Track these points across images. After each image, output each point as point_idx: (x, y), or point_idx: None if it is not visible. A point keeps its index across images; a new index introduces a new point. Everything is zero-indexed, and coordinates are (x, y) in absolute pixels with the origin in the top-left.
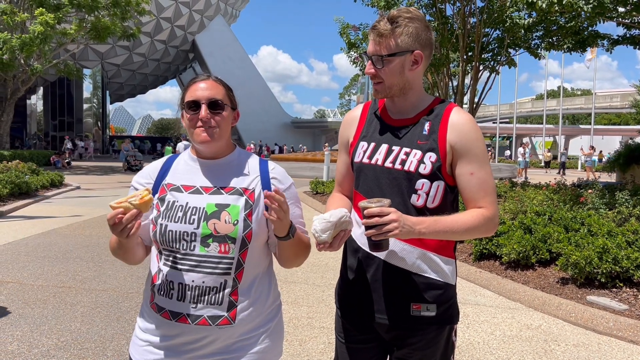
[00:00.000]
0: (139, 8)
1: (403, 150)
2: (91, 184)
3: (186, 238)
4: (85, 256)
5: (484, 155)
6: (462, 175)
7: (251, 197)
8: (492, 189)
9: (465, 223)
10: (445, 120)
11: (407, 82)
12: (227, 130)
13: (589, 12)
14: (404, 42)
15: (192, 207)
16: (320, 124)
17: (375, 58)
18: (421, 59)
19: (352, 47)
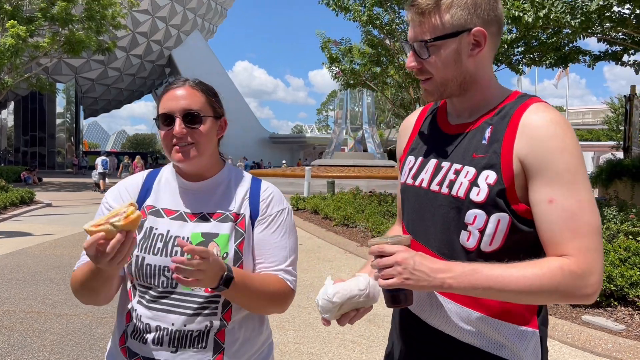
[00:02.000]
0: (115, 22)
1: (453, 167)
2: (63, 201)
3: (167, 274)
4: (56, 278)
5: (574, 173)
6: (537, 204)
7: (242, 224)
8: (588, 228)
9: (525, 278)
10: (515, 123)
11: (467, 74)
12: (208, 146)
13: (576, 27)
14: (457, 18)
15: (175, 237)
16: (298, 140)
17: (418, 45)
18: (484, 38)
19: (334, 62)
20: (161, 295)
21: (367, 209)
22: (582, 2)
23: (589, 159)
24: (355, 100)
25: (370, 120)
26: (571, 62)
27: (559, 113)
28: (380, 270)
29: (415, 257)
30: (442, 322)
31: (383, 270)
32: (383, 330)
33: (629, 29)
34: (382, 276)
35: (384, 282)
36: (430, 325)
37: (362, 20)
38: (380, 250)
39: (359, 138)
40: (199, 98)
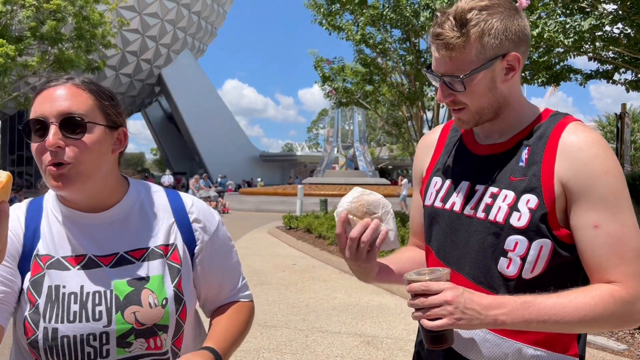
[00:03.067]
0: (105, 41)
1: (489, 190)
2: None
3: (93, 343)
4: None
5: (618, 197)
6: (580, 229)
7: (174, 257)
8: (634, 253)
9: (579, 309)
10: (553, 143)
11: (502, 99)
12: (96, 164)
13: (568, 46)
14: (489, 47)
15: (93, 293)
16: (289, 158)
17: (450, 80)
18: (518, 62)
19: (327, 80)
20: None
21: None
22: (575, 21)
23: None
24: (346, 119)
25: (362, 138)
26: (562, 81)
27: (598, 133)
28: (424, 310)
29: (465, 294)
30: (478, 354)
31: (430, 310)
32: (382, 352)
33: (621, 48)
34: (429, 316)
35: (432, 323)
36: (457, 352)
37: (356, 39)
38: (425, 288)
39: (350, 156)
40: (84, 99)
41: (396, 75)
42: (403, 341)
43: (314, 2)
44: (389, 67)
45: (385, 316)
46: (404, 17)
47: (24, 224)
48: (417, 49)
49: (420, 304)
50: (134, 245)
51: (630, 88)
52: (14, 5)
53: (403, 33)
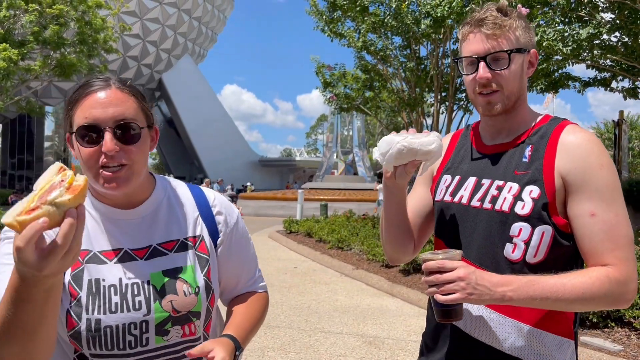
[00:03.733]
0: (107, 46)
1: (495, 183)
2: None
3: (134, 332)
4: None
5: (612, 189)
6: (578, 217)
7: (202, 247)
8: (625, 239)
9: (577, 287)
10: (553, 142)
11: (522, 91)
12: (144, 164)
13: (567, 54)
14: (523, 37)
15: (131, 285)
16: (287, 163)
17: (492, 57)
18: (536, 59)
19: (328, 86)
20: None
21: (361, 232)
22: (573, 30)
23: None
24: (345, 124)
25: (361, 143)
26: (561, 88)
27: (592, 133)
28: (439, 286)
29: (476, 272)
30: (483, 332)
31: (444, 286)
32: (384, 352)
33: (618, 56)
34: (442, 291)
35: (444, 297)
36: (470, 336)
37: (357, 46)
38: (440, 265)
39: (350, 161)
40: (131, 104)
41: (396, 81)
42: (404, 342)
43: (316, 9)
44: (390, 73)
45: (386, 318)
46: (405, 25)
47: None
48: (418, 56)
49: (435, 280)
50: (165, 237)
51: (627, 95)
52: (17, 10)
53: (404, 40)
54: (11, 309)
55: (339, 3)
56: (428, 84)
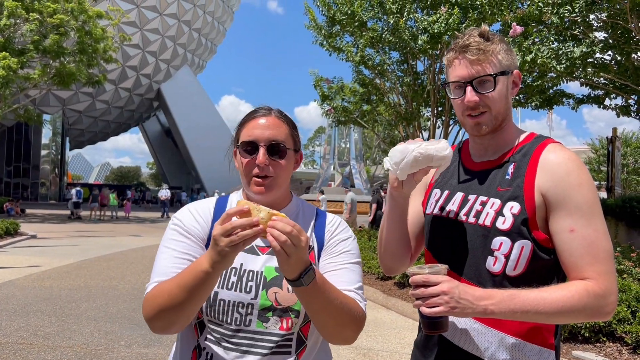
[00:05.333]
0: (106, 55)
1: (479, 199)
2: (48, 233)
3: (240, 310)
4: (47, 310)
5: (591, 206)
6: (558, 233)
7: (311, 256)
8: (605, 254)
9: (557, 301)
10: (535, 160)
11: (507, 111)
12: (286, 179)
13: (561, 71)
14: (505, 59)
15: (248, 271)
16: None
17: (478, 81)
18: (519, 79)
19: (326, 99)
20: (233, 333)
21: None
22: (567, 48)
23: None
24: (342, 137)
25: (358, 156)
26: (555, 105)
27: (573, 153)
28: (424, 299)
29: (460, 286)
30: (467, 342)
31: (428, 299)
32: None
33: (611, 75)
34: (427, 304)
35: (429, 310)
36: (456, 345)
37: (355, 60)
38: (425, 280)
39: (347, 174)
40: (284, 129)
41: (394, 95)
42: (398, 354)
43: (315, 23)
44: (387, 87)
45: (380, 330)
46: (402, 40)
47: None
48: (415, 70)
49: (420, 294)
50: None
51: (620, 113)
52: (17, 19)
53: (401, 55)
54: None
55: (337, 18)
56: (425, 99)
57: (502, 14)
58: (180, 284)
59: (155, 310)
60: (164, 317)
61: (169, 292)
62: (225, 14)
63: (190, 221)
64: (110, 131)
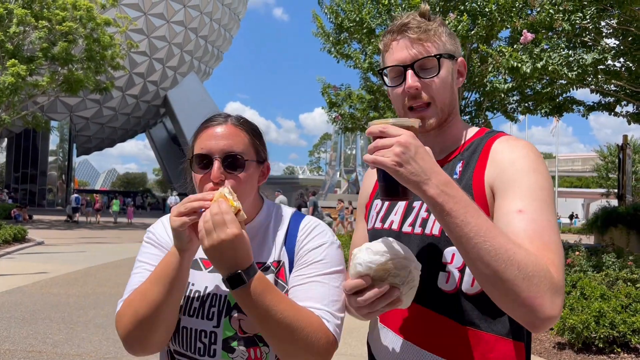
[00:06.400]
0: (114, 63)
1: (424, 205)
2: (56, 239)
3: (204, 339)
4: (56, 317)
5: (545, 193)
6: (503, 216)
7: (281, 274)
8: (556, 246)
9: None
10: (485, 154)
11: (453, 102)
12: (248, 195)
13: (572, 79)
14: (449, 44)
15: (212, 295)
16: (290, 181)
17: (420, 64)
18: (464, 68)
19: (333, 106)
20: None
21: None
22: (578, 55)
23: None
24: (348, 143)
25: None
26: (565, 112)
27: (528, 142)
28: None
29: (421, 147)
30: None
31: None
32: None
33: (623, 82)
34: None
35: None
36: None
37: (363, 67)
38: (383, 130)
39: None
40: (242, 138)
41: None
42: None
43: (322, 31)
44: None
45: None
46: None
47: None
48: None
49: (373, 147)
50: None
51: (632, 120)
52: (27, 26)
53: None
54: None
55: (345, 25)
56: None
57: (511, 21)
58: (152, 279)
59: (130, 317)
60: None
61: (142, 291)
62: (231, 21)
63: (164, 234)
64: (117, 137)
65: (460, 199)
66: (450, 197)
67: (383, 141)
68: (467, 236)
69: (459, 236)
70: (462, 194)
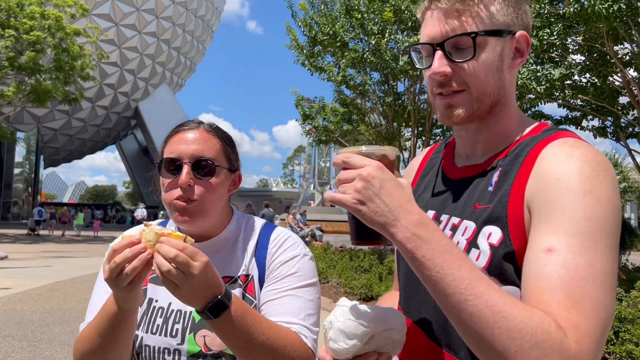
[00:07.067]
0: (84, 73)
1: (451, 221)
2: (20, 253)
3: (167, 358)
4: (18, 334)
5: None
6: (529, 252)
7: (250, 288)
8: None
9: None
10: (530, 161)
11: (503, 91)
12: (217, 204)
13: (540, 93)
14: (503, 14)
15: (176, 311)
16: (264, 193)
17: (452, 43)
18: (527, 46)
19: (307, 119)
20: None
21: (338, 264)
22: (546, 70)
23: None
24: (322, 156)
25: None
26: None
27: (596, 150)
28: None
29: (388, 181)
30: None
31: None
32: None
33: (588, 96)
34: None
35: (329, 194)
36: None
37: (337, 80)
38: (345, 160)
39: None
40: (213, 144)
41: (375, 115)
42: None
43: (296, 43)
44: (368, 107)
45: None
46: (383, 61)
47: None
48: (395, 91)
49: (337, 181)
50: (222, 273)
51: (597, 134)
52: None
53: (382, 76)
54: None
55: (319, 38)
56: (405, 119)
57: None
58: (97, 330)
59: (80, 352)
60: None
61: (89, 338)
62: (204, 33)
63: None
64: (86, 149)
65: (436, 244)
66: (424, 241)
67: (345, 174)
68: (445, 292)
69: (434, 291)
70: (439, 237)
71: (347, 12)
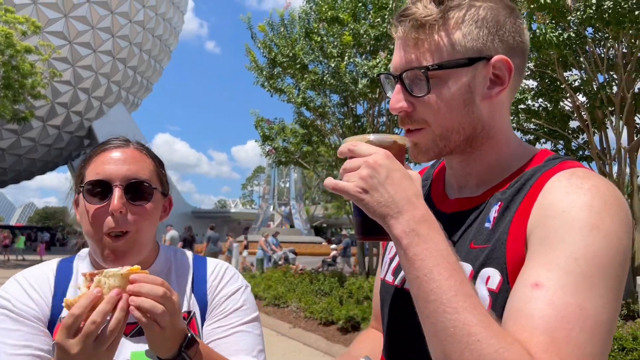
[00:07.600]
0: (34, 92)
1: None
2: None
3: None
4: None
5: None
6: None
7: (192, 325)
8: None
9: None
10: (534, 194)
11: (479, 124)
12: (151, 233)
13: None
14: (472, 38)
15: None
16: (222, 214)
17: (410, 76)
18: (509, 72)
19: (267, 140)
20: None
21: (298, 287)
22: None
23: None
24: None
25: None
26: None
27: (609, 183)
28: None
29: (396, 171)
30: None
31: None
32: None
33: (541, 120)
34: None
35: (331, 182)
36: None
37: (297, 102)
38: (351, 149)
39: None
40: (147, 165)
41: (334, 137)
42: None
43: (256, 65)
44: (328, 129)
45: None
46: (343, 84)
47: (53, 286)
48: (354, 113)
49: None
50: None
51: None
52: None
53: (341, 98)
54: None
55: (279, 60)
56: None
57: None
58: None
59: None
60: None
61: None
62: (162, 53)
63: (22, 299)
64: (36, 170)
65: (433, 246)
66: (422, 240)
67: (351, 162)
68: (425, 298)
69: (416, 294)
70: (439, 240)
71: (307, 34)
